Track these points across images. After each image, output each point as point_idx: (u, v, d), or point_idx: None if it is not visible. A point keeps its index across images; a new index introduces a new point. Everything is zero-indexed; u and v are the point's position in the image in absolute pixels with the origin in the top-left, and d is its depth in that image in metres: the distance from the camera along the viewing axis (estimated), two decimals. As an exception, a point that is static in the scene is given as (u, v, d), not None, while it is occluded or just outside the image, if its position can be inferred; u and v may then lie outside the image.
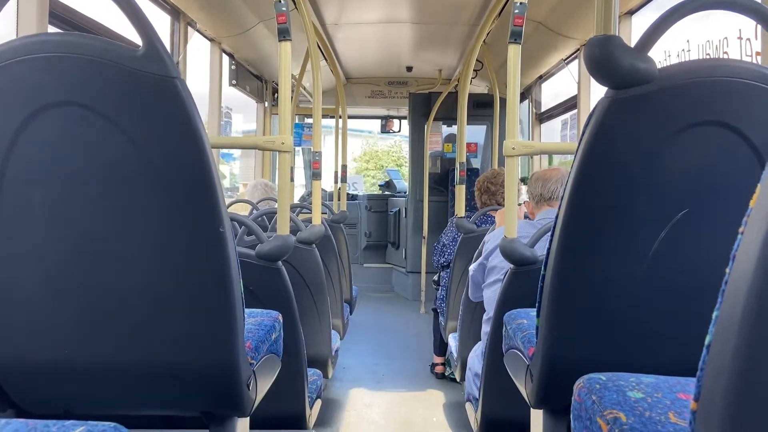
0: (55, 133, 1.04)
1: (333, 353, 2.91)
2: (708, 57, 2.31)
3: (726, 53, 2.23)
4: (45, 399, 1.23)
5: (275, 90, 5.31)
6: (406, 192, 6.57)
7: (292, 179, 4.42)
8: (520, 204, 2.87)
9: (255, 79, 4.91)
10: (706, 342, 0.52)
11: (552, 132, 4.68)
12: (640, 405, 0.85)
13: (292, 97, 4.34)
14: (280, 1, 1.86)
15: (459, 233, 3.21)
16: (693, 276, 1.11)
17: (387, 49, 5.07)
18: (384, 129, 7.14)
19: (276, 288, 1.91)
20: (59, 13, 2.24)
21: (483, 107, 5.41)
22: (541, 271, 1.22)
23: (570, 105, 4.00)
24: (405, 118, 6.55)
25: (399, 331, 4.86)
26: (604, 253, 1.13)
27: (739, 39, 2.12)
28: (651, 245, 1.09)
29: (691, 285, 1.11)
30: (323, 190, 5.77)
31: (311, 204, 2.63)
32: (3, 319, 1.13)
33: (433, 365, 3.72)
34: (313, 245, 2.55)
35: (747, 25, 2.10)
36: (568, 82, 3.96)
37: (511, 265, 1.84)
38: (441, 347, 3.60)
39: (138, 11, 1.06)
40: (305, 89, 5.59)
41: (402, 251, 6.33)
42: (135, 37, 1.06)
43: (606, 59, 1.04)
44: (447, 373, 3.63)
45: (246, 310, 1.29)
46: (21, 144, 1.04)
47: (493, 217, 3.12)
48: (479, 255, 2.42)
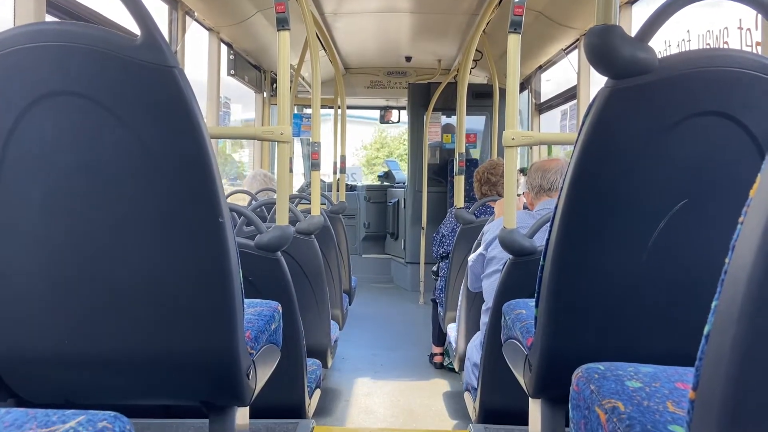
0: (53, 123, 1.04)
1: (332, 343, 2.92)
2: (708, 47, 2.30)
3: (726, 43, 2.22)
4: (45, 389, 1.23)
5: (274, 80, 5.29)
6: (405, 183, 6.57)
7: (291, 170, 4.41)
8: (519, 195, 2.87)
9: (253, 69, 4.89)
10: (705, 332, 0.52)
11: (551, 122, 4.67)
12: (638, 394, 0.86)
13: (290, 88, 4.33)
14: None
15: (458, 224, 3.21)
16: (692, 266, 1.11)
17: (386, 39, 5.05)
18: (383, 119, 7.12)
19: (275, 278, 1.91)
20: (57, 2, 2.22)
21: (482, 97, 5.39)
22: (540, 262, 1.22)
23: (570, 95, 3.99)
24: (404, 108, 6.53)
25: (398, 322, 4.87)
26: (603, 244, 1.13)
27: (740, 29, 2.11)
28: (650, 236, 1.09)
29: (690, 275, 1.11)
30: (322, 180, 5.76)
31: (310, 195, 2.62)
32: (3, 310, 1.13)
33: (432, 355, 3.74)
34: (312, 236, 2.55)
35: (747, 15, 2.10)
36: (568, 72, 3.95)
37: (510, 256, 1.84)
38: (440, 337, 3.61)
39: (136, 0, 1.05)
40: (304, 79, 5.57)
41: (401, 242, 6.33)
42: (133, 27, 1.05)
43: (606, 49, 1.03)
44: (446, 363, 3.64)
45: (245, 300, 1.29)
46: (19, 134, 1.04)
47: (492, 208, 3.12)
48: (478, 245, 2.42)
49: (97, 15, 2.56)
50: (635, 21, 3.01)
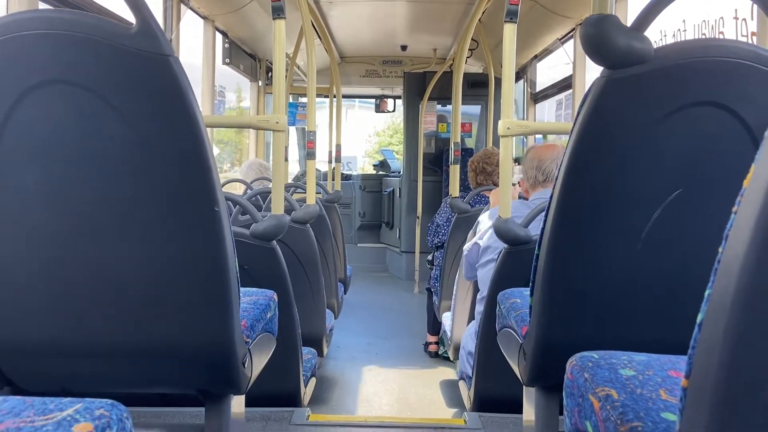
0: (47, 112, 1.03)
1: (327, 332, 2.93)
2: (704, 37, 2.30)
3: (722, 33, 2.22)
4: (42, 377, 1.23)
5: (269, 69, 5.26)
6: (400, 172, 6.56)
7: (286, 159, 4.40)
8: (514, 184, 2.87)
9: (249, 58, 4.86)
10: (697, 320, 0.53)
11: (547, 112, 4.67)
12: (631, 382, 0.86)
13: (286, 76, 4.30)
14: None
15: (453, 213, 3.21)
16: (686, 256, 1.12)
17: (382, 28, 5.02)
18: (378, 109, 7.09)
19: (271, 267, 1.91)
20: (49, -11, 2.20)
21: (478, 87, 5.38)
22: (535, 251, 1.23)
23: (565, 85, 3.98)
24: (399, 97, 6.51)
25: (393, 311, 4.89)
26: (597, 233, 1.13)
27: (735, 19, 2.11)
28: (644, 225, 1.10)
29: (684, 264, 1.12)
30: (317, 169, 5.74)
31: (305, 184, 2.62)
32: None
33: (427, 344, 3.75)
34: (308, 225, 2.55)
35: (743, 6, 2.10)
36: (563, 62, 3.94)
37: (505, 245, 1.85)
38: (434, 326, 3.63)
39: None
40: (299, 68, 5.54)
41: (396, 231, 6.33)
42: (128, 15, 1.05)
43: (602, 39, 1.03)
44: (440, 352, 3.66)
45: (241, 289, 1.29)
46: (12, 123, 1.03)
47: (487, 197, 3.12)
48: (473, 235, 2.43)
49: (91, 3, 2.54)
50: (631, 11, 3.00)
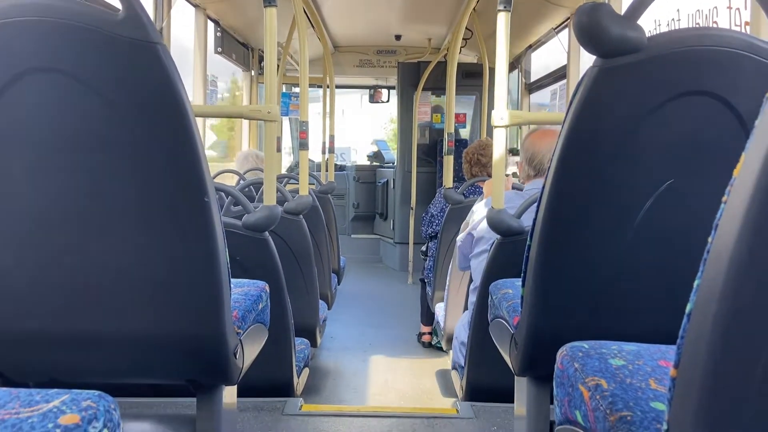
0: (34, 101, 1.02)
1: (321, 323, 2.93)
2: (697, 26, 2.29)
3: (715, 23, 2.22)
4: (29, 368, 1.22)
5: (262, 58, 5.23)
6: (394, 163, 6.55)
7: (279, 149, 4.38)
8: (508, 175, 2.87)
9: (241, 47, 4.82)
10: (686, 310, 0.52)
11: (542, 102, 4.66)
12: (621, 372, 0.87)
13: (278, 66, 4.28)
14: None
15: (447, 204, 3.21)
16: (677, 246, 1.12)
17: (375, 17, 4.99)
18: (372, 99, 7.07)
19: (263, 258, 1.91)
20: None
21: (472, 77, 5.36)
22: (527, 242, 1.23)
23: (560, 75, 3.97)
24: (393, 87, 6.49)
25: (386, 302, 4.90)
26: (588, 224, 1.13)
27: (729, 8, 2.11)
28: (636, 215, 1.10)
29: (675, 255, 1.12)
30: (311, 160, 5.72)
31: (299, 174, 2.61)
32: None
33: (420, 334, 3.76)
34: (301, 216, 2.54)
35: (737, -5, 2.09)
36: (558, 52, 3.93)
37: (498, 236, 1.85)
38: (428, 317, 3.64)
39: None
40: (292, 57, 5.51)
41: (390, 222, 6.33)
42: (114, 1, 1.03)
43: (595, 27, 1.03)
44: (434, 342, 3.67)
45: (233, 280, 1.28)
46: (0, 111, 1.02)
47: (481, 188, 3.12)
48: (466, 225, 2.43)
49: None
50: (625, 0, 2.99)
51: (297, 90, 6.08)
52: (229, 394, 1.38)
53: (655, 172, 1.08)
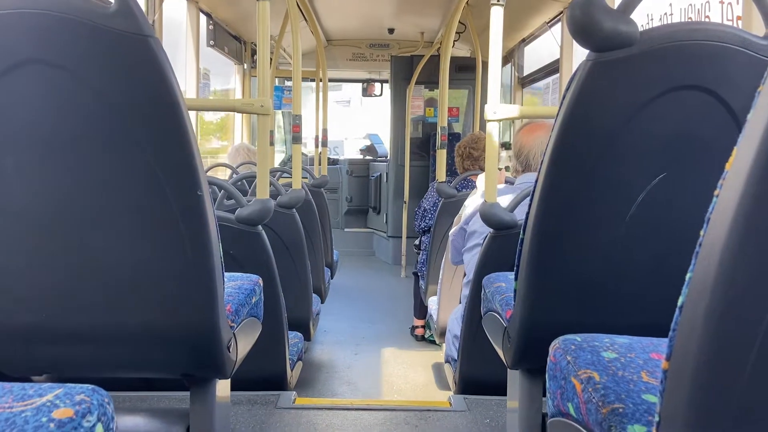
0: (24, 93, 1.01)
1: (314, 316, 2.93)
2: (690, 21, 2.30)
3: (708, 17, 2.22)
4: (23, 362, 1.22)
5: (255, 52, 5.20)
6: (387, 157, 6.54)
7: (272, 143, 4.37)
8: (500, 169, 2.87)
9: (234, 40, 4.79)
10: (678, 303, 0.53)
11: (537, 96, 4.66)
12: (613, 365, 0.87)
13: (271, 59, 4.26)
14: None
15: (440, 198, 3.21)
16: (669, 239, 1.12)
17: (369, 10, 4.97)
18: (365, 93, 7.05)
19: (256, 252, 1.91)
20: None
21: (465, 71, 5.36)
22: (520, 235, 1.23)
23: (553, 69, 3.98)
24: (386, 81, 6.47)
25: (379, 295, 4.90)
26: (581, 217, 1.14)
27: (721, 3, 2.11)
28: (628, 209, 1.10)
29: (668, 248, 1.13)
30: (304, 154, 5.69)
31: (292, 168, 2.61)
32: None
33: (413, 328, 3.77)
34: (294, 210, 2.54)
35: (729, -10, 2.09)
36: (551, 46, 3.93)
37: (491, 230, 1.85)
38: (421, 310, 3.65)
39: None
40: (285, 51, 5.48)
41: (383, 216, 6.33)
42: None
43: (588, 21, 1.03)
44: (427, 336, 3.68)
45: (226, 274, 1.28)
46: None
47: (474, 182, 3.13)
48: (459, 219, 2.43)
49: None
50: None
51: (290, 84, 6.08)
52: (223, 387, 1.38)
53: (648, 166, 1.09)
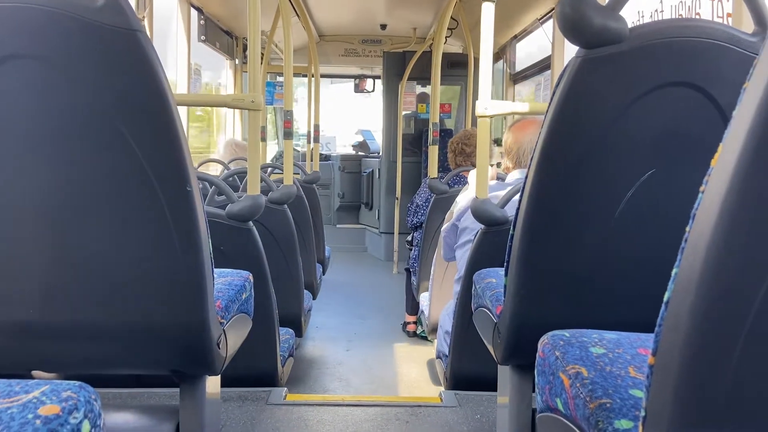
0: (10, 87, 1.00)
1: (306, 312, 2.93)
2: (680, 17, 2.31)
3: (698, 14, 2.23)
4: (9, 359, 1.21)
5: (246, 47, 5.17)
6: (379, 153, 6.54)
7: (263, 138, 4.35)
8: (492, 165, 2.88)
9: (225, 35, 4.77)
10: (664, 299, 0.53)
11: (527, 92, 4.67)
12: (601, 360, 0.88)
13: (262, 55, 4.24)
14: None
15: (432, 194, 3.22)
16: (658, 235, 1.13)
17: (361, 6, 4.96)
18: (357, 89, 7.04)
19: (247, 248, 1.90)
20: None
21: (457, 67, 5.36)
22: (510, 231, 1.23)
23: (544, 65, 3.98)
24: (379, 77, 6.46)
25: (371, 291, 4.91)
26: (571, 213, 1.14)
27: (711, 0, 2.12)
28: (617, 205, 1.11)
29: (656, 244, 1.13)
30: (296, 150, 5.67)
31: (283, 164, 2.60)
32: None
33: (405, 324, 3.78)
34: (285, 206, 2.54)
35: (719, -13, 2.10)
36: (543, 43, 3.93)
37: (482, 226, 1.86)
38: (413, 306, 3.65)
39: None
40: (277, 46, 5.46)
41: (375, 212, 6.33)
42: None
43: (577, 18, 1.03)
44: (418, 332, 3.69)
45: (216, 270, 1.28)
46: None
47: (466, 178, 3.13)
48: (451, 215, 2.44)
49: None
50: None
51: (282, 79, 6.05)
52: (213, 384, 1.38)
53: (637, 162, 1.09)
